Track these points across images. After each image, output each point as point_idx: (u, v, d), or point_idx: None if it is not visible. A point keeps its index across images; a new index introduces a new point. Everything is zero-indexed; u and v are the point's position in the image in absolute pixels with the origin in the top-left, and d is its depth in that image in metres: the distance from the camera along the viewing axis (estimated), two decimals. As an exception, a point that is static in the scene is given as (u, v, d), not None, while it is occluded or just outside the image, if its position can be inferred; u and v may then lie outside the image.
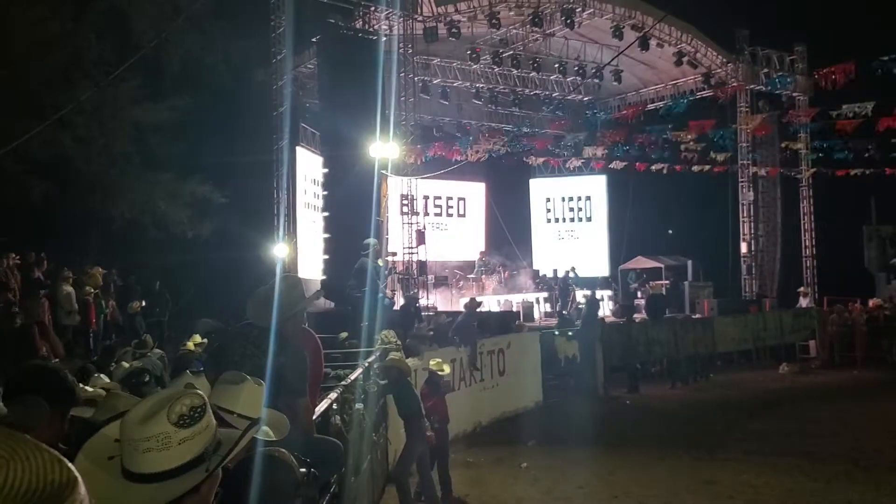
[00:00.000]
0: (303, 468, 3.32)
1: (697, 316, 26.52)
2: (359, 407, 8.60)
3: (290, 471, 3.18)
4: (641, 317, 25.79)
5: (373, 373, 10.21)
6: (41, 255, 17.62)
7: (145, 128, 23.00)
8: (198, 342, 12.22)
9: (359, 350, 11.50)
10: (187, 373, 5.73)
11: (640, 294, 29.80)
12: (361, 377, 9.25)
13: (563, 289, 29.00)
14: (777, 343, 25.66)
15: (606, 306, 28.80)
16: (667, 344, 22.62)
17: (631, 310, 26.60)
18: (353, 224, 18.72)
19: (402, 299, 21.54)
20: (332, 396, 6.98)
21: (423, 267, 25.23)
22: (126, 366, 8.26)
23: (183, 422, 2.10)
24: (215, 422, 2.24)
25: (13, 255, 16.44)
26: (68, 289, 16.96)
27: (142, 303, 20.07)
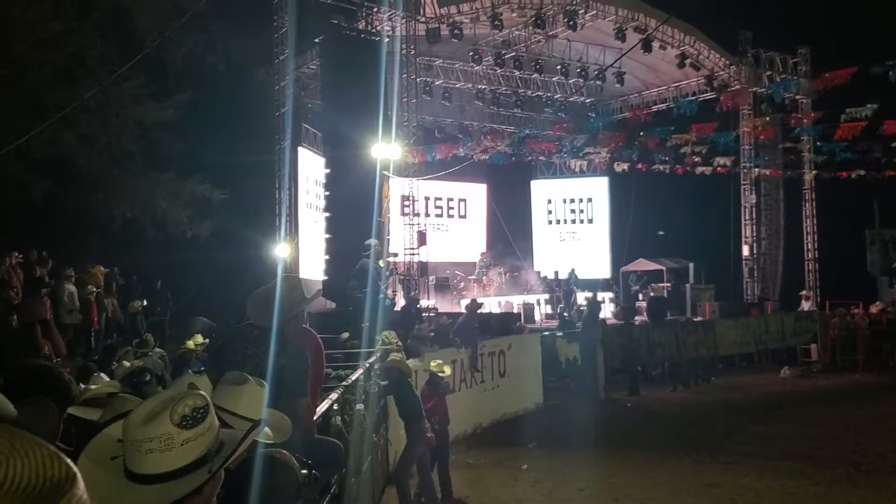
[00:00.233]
0: (304, 469, 3.32)
1: (699, 318, 26.48)
2: (359, 408, 8.60)
3: (292, 472, 3.18)
4: (642, 319, 25.77)
5: (374, 374, 10.20)
6: (43, 253, 17.62)
7: (148, 127, 23.00)
8: (199, 342, 12.23)
9: (360, 351, 11.51)
10: (189, 372, 5.74)
11: (641, 296, 29.78)
12: (362, 378, 9.24)
13: (566, 291, 29.00)
14: (779, 346, 25.63)
15: (608, 308, 28.79)
16: (668, 346, 22.60)
17: (632, 312, 26.58)
18: (355, 225, 18.71)
19: (403, 300, 21.54)
20: (333, 397, 6.98)
21: (424, 268, 25.23)
22: (127, 365, 8.25)
23: (186, 423, 2.10)
24: (218, 423, 2.24)
25: (16, 254, 16.43)
26: (71, 287, 16.96)
27: (143, 302, 20.07)
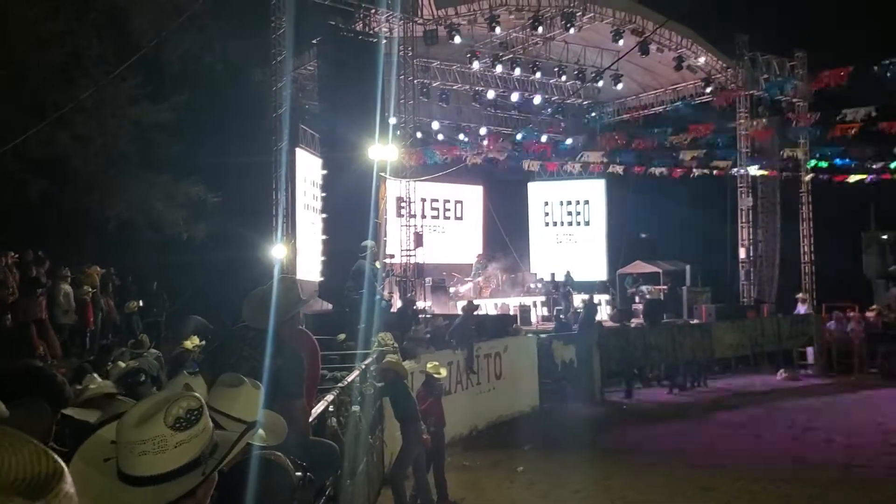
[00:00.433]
0: (298, 471, 3.31)
1: (695, 321, 26.48)
2: (355, 409, 8.59)
3: (286, 474, 3.18)
4: (638, 321, 25.76)
5: (370, 375, 10.20)
6: (39, 253, 17.59)
7: (144, 128, 22.97)
8: (196, 343, 12.21)
9: (356, 352, 11.50)
10: (184, 373, 5.72)
11: (637, 299, 29.77)
12: (358, 379, 9.24)
13: (564, 293, 29.00)
14: (775, 349, 25.62)
15: (604, 311, 28.77)
16: (664, 349, 22.59)
17: (628, 314, 26.57)
18: (352, 226, 18.69)
19: (400, 302, 21.53)
20: (329, 398, 6.97)
21: (420, 270, 25.22)
22: (122, 366, 8.23)
23: (179, 425, 2.09)
24: (212, 425, 2.23)
25: (11, 254, 16.42)
26: (66, 288, 16.94)
27: (139, 303, 20.05)
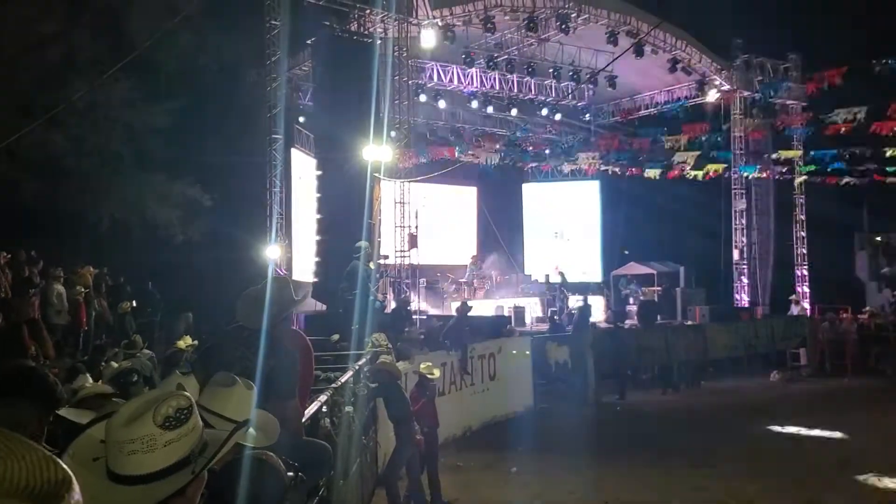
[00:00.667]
0: (290, 471, 3.30)
1: (689, 322, 26.50)
2: (349, 410, 8.59)
3: (278, 474, 3.17)
4: (633, 323, 25.78)
5: (363, 376, 10.19)
6: (31, 253, 17.55)
7: (138, 128, 22.96)
8: (189, 343, 12.19)
9: (350, 353, 11.49)
10: (177, 373, 5.71)
11: (632, 300, 29.79)
12: (352, 380, 9.23)
13: (562, 294, 29.03)
14: (768, 350, 25.66)
15: (598, 312, 28.77)
16: (658, 350, 22.60)
17: (622, 316, 26.60)
18: (346, 227, 18.69)
19: (394, 303, 21.53)
20: (323, 399, 6.97)
21: (414, 271, 25.21)
22: (115, 366, 8.23)
23: (168, 424, 2.09)
24: (202, 424, 2.22)
25: (4, 254, 16.38)
26: (59, 288, 16.90)
27: (132, 303, 20.02)
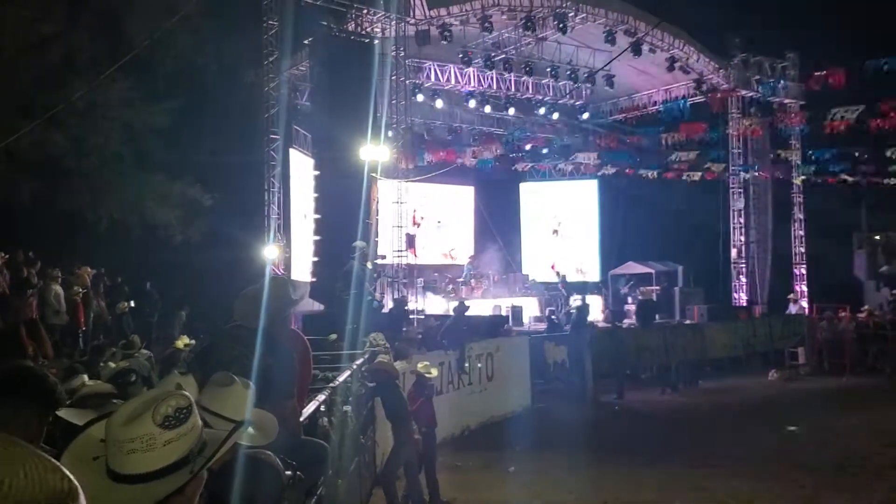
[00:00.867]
0: (288, 471, 3.31)
1: (688, 322, 26.49)
2: (346, 409, 8.59)
3: (276, 473, 3.18)
4: (631, 322, 25.78)
5: (361, 375, 10.19)
6: (29, 254, 17.57)
7: (137, 128, 22.95)
8: (186, 343, 12.19)
9: (348, 352, 11.48)
10: (175, 372, 5.72)
11: (630, 300, 29.80)
12: (350, 379, 9.23)
13: (556, 294, 29.05)
14: (767, 349, 25.64)
15: (596, 311, 28.79)
16: (657, 350, 22.59)
17: (620, 315, 26.60)
18: (344, 226, 18.67)
19: (392, 302, 21.53)
20: (321, 398, 6.97)
21: (412, 270, 25.22)
22: (113, 366, 8.23)
23: (168, 423, 2.10)
24: (201, 423, 2.24)
25: (2, 254, 16.39)
26: (57, 288, 16.91)
27: (130, 303, 20.04)
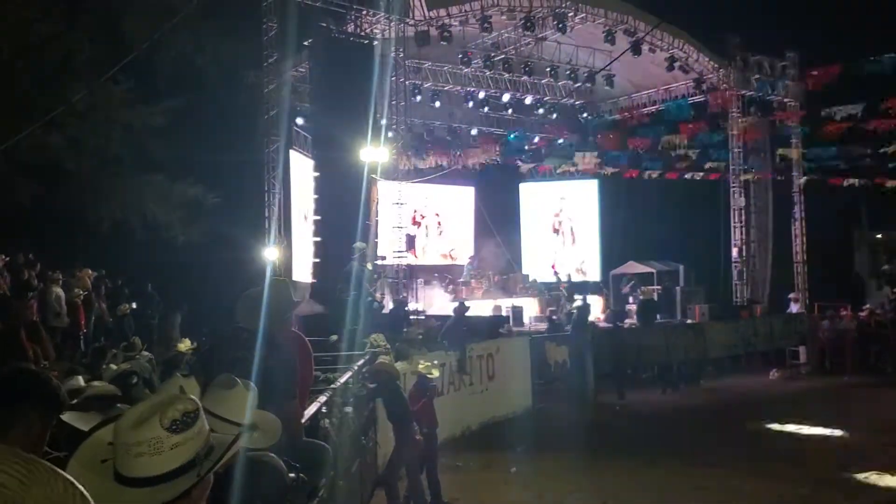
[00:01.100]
0: (291, 473, 3.32)
1: (689, 321, 26.50)
2: (347, 410, 8.60)
3: (279, 476, 3.18)
4: (632, 322, 25.79)
5: (362, 376, 10.20)
6: (30, 256, 17.57)
7: (137, 129, 22.94)
8: (188, 346, 12.18)
9: (348, 353, 11.49)
10: (177, 375, 5.73)
11: (631, 299, 29.80)
12: (351, 381, 9.24)
13: (556, 294, 29.06)
14: (768, 349, 25.70)
15: (598, 311, 28.78)
16: (658, 349, 22.61)
17: (621, 315, 26.61)
18: (344, 228, 18.67)
19: (392, 303, 21.54)
20: (322, 400, 6.98)
21: (412, 271, 25.22)
22: (114, 368, 8.24)
23: (175, 427, 2.12)
24: (208, 427, 2.25)
25: (2, 256, 16.40)
26: (58, 290, 16.91)
27: (132, 305, 20.05)
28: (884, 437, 15.38)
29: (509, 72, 28.58)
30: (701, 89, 29.69)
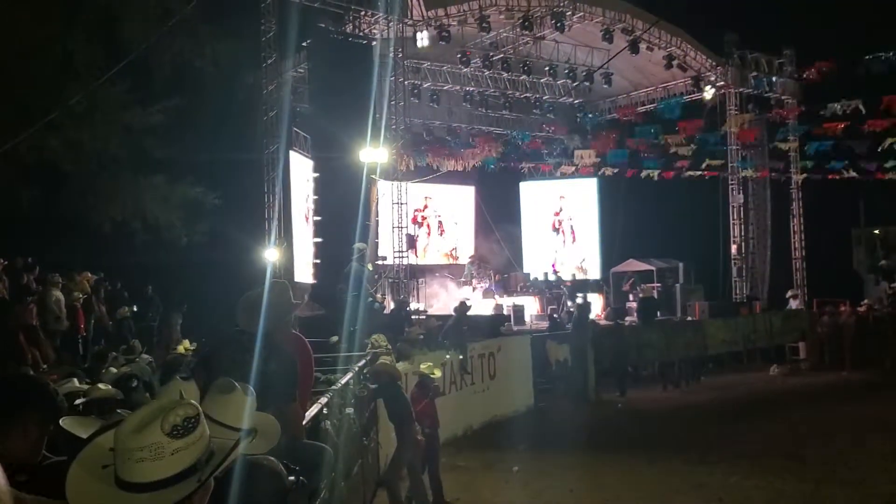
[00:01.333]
0: (291, 476, 3.32)
1: (689, 318, 26.51)
2: (349, 411, 8.60)
3: (278, 479, 3.18)
4: (632, 320, 25.80)
5: (363, 377, 10.21)
6: (29, 259, 17.56)
7: (136, 131, 22.92)
8: (187, 347, 12.21)
9: (350, 354, 11.50)
10: (177, 378, 5.73)
11: (631, 297, 29.80)
12: (352, 382, 9.25)
13: (557, 293, 29.09)
14: (767, 345, 25.72)
15: (597, 308, 28.79)
16: (658, 347, 22.63)
17: (622, 313, 26.62)
18: (345, 228, 18.67)
19: (393, 303, 21.54)
20: (323, 401, 6.98)
21: (412, 271, 25.23)
22: (115, 371, 8.26)
23: (176, 432, 2.13)
24: (209, 432, 2.26)
25: (1, 260, 16.38)
26: (57, 294, 16.89)
27: (133, 308, 20.04)
28: (883, 431, 15.37)
29: (508, 71, 28.60)
30: (699, 87, 29.68)
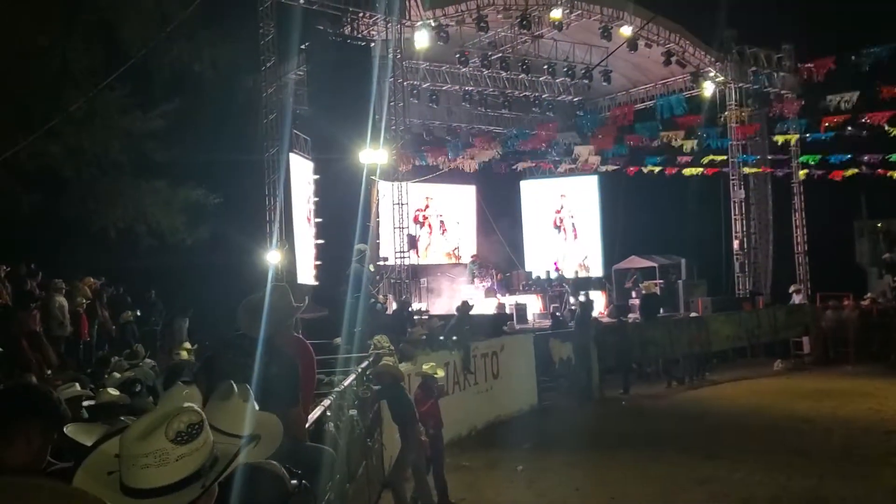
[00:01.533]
0: (294, 479, 3.33)
1: (692, 314, 26.50)
2: (352, 413, 8.61)
3: (281, 483, 3.19)
4: (635, 317, 25.80)
5: (366, 378, 10.22)
6: (31, 266, 17.57)
7: (136, 136, 22.93)
8: (188, 348, 12.21)
9: (352, 356, 11.51)
10: (179, 383, 5.75)
11: (634, 294, 29.79)
12: (355, 383, 9.26)
13: (560, 291, 29.09)
14: (771, 340, 25.70)
15: (600, 305, 28.80)
16: (662, 343, 22.61)
17: (624, 310, 26.61)
18: (345, 230, 18.70)
19: (395, 304, 21.56)
20: (326, 403, 6.99)
21: (414, 271, 25.25)
22: (118, 376, 8.28)
23: (181, 438, 2.14)
24: (212, 438, 2.28)
25: (3, 266, 16.39)
26: (60, 300, 16.90)
27: (137, 312, 20.06)
28: (887, 424, 15.40)
29: (506, 70, 28.62)
30: (698, 83, 29.68)
